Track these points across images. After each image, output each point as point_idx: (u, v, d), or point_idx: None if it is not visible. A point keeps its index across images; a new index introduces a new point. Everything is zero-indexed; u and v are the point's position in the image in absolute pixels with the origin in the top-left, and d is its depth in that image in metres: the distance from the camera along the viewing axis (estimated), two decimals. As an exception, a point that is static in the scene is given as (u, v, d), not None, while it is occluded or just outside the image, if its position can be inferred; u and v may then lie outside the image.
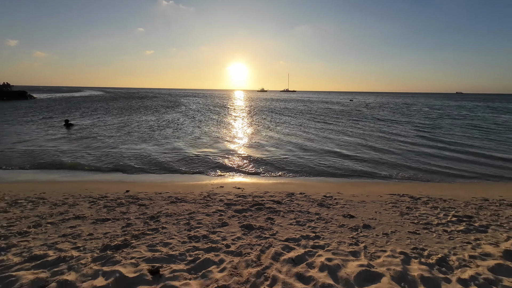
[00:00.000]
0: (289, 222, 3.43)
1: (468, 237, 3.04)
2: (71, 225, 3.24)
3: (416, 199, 4.55)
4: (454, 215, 3.75)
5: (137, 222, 3.35)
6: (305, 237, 2.96)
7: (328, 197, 4.60)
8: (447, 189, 5.44)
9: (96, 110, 25.20)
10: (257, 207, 3.99)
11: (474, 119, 21.94)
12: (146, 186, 5.45)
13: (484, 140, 11.85)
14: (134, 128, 14.30)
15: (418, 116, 23.92)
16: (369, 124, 17.51)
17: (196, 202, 4.20)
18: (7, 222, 3.31)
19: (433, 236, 3.07)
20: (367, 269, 2.28)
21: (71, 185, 5.47)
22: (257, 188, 5.37)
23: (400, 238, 3.02)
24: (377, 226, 3.37)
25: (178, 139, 11.23)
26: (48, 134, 12.09)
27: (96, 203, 4.11)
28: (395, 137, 12.38)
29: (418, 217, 3.68)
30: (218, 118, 20.41)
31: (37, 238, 2.90)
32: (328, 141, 11.41)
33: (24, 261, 2.39)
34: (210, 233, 3.05)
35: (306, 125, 17.29)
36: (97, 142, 10.37)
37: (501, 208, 4.13)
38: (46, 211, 3.73)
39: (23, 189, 4.83)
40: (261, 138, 11.91)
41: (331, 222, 3.48)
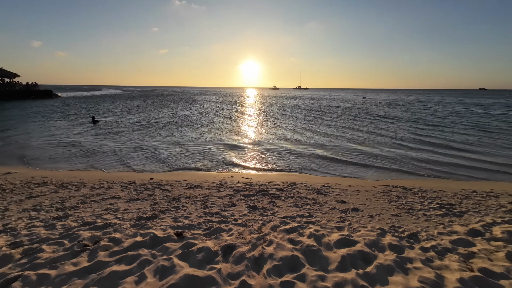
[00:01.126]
0: (288, 205, 4.02)
1: (443, 220, 3.49)
2: (110, 203, 4.00)
3: (407, 190, 4.99)
4: (438, 203, 4.18)
5: (162, 202, 4.06)
6: (300, 216, 3.54)
7: (326, 187, 5.13)
8: (440, 183, 5.79)
9: (117, 107, 26.70)
10: (262, 193, 4.60)
11: (483, 117, 21.17)
12: (166, 175, 6.22)
13: (482, 139, 11.75)
14: (153, 124, 15.27)
15: (423, 114, 23.39)
16: (377, 123, 17.56)
17: (210, 188, 4.88)
18: (59, 199, 4.13)
19: (412, 218, 3.55)
20: (346, 237, 2.83)
21: (102, 173, 6.34)
22: (263, 178, 5.99)
23: (383, 219, 3.53)
24: (364, 209, 3.88)
25: (192, 133, 12.03)
26: (78, 130, 13.29)
27: (127, 187, 4.88)
28: (392, 134, 12.55)
29: (404, 204, 4.14)
30: (230, 115, 21.13)
31: (86, 211, 3.67)
32: (334, 139, 11.79)
33: (80, 225, 3.14)
34: (222, 210, 3.70)
35: (315, 121, 17.62)
36: (119, 136, 11.36)
37: (486, 199, 4.49)
38: (88, 192, 4.54)
39: (65, 176, 5.73)
40: (269, 135, 12.47)
41: (325, 205, 4.03)
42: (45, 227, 3.07)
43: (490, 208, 4.01)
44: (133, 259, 2.36)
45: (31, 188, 4.73)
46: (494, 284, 2.05)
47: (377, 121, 18.07)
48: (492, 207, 4.05)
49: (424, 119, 19.09)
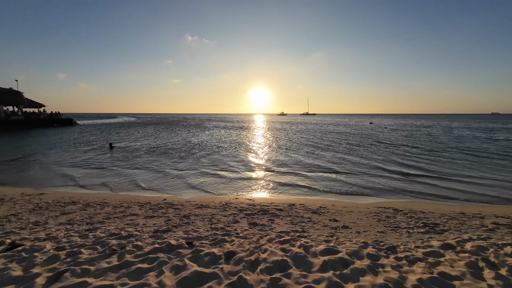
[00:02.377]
0: (285, 222, 4.51)
1: (423, 236, 3.89)
2: (130, 219, 4.62)
3: (398, 211, 5.37)
4: (423, 222, 4.57)
5: (174, 219, 4.65)
6: (294, 231, 4.03)
7: (322, 207, 5.59)
8: (432, 205, 6.12)
9: (131, 134, 28.32)
10: (263, 212, 5.12)
11: (483, 142, 21.11)
12: (178, 197, 6.84)
13: (474, 164, 11.89)
14: (165, 149, 16.25)
15: (423, 140, 23.54)
16: (379, 148, 17.92)
17: (216, 208, 5.45)
18: (88, 216, 4.80)
19: (396, 235, 3.96)
20: (331, 248, 3.30)
21: (121, 194, 7.04)
22: (265, 200, 6.50)
23: (368, 235, 3.96)
24: (354, 227, 4.32)
25: (201, 158, 12.80)
26: (97, 154, 14.39)
27: (144, 206, 5.52)
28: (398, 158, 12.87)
29: (391, 223, 4.55)
30: (238, 140, 22.04)
31: (111, 225, 4.30)
32: (335, 163, 12.25)
33: (108, 235, 3.75)
34: (226, 226, 4.24)
35: (318, 146, 18.17)
36: (133, 160, 12.26)
37: (471, 220, 4.83)
38: (111, 210, 5.20)
39: (90, 196, 6.47)
40: (272, 159, 13.07)
41: (318, 223, 4.49)
42: (80, 236, 3.71)
43: (471, 228, 4.36)
44: (153, 260, 2.92)
45: (63, 206, 5.45)
46: (447, 283, 2.47)
47: (378, 146, 18.44)
48: (474, 227, 4.39)
49: (423, 145, 19.32)
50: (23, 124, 37.80)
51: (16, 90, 40.81)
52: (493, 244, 3.45)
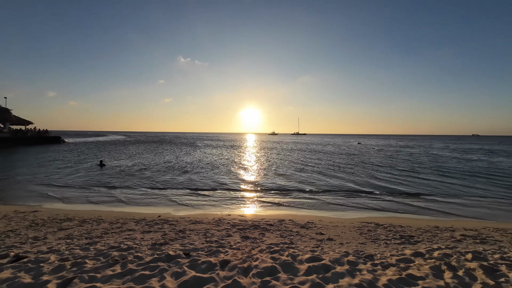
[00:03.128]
0: (275, 236, 4.85)
1: (399, 246, 4.32)
2: (128, 234, 4.84)
3: (379, 225, 5.82)
4: (400, 235, 5.02)
5: (170, 233, 4.90)
6: (283, 243, 4.37)
7: (310, 222, 5.97)
8: (410, 220, 6.61)
9: (122, 152, 28.13)
10: (254, 227, 5.44)
11: (459, 162, 22.54)
12: (172, 214, 7.04)
13: (446, 183, 12.75)
14: (156, 168, 16.32)
15: (403, 160, 24.75)
16: (365, 168, 18.70)
17: (210, 223, 5.72)
18: (86, 231, 4.97)
19: (375, 245, 4.38)
20: (316, 256, 3.67)
21: (117, 211, 7.16)
22: (256, 216, 6.81)
23: (350, 246, 4.36)
24: (338, 239, 4.71)
25: (193, 177, 12.99)
26: (87, 172, 14.30)
27: (140, 222, 5.72)
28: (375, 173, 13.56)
29: (372, 236, 4.98)
30: (229, 160, 22.34)
31: (110, 239, 4.51)
32: (322, 180, 12.75)
33: (108, 248, 3.97)
34: (220, 239, 4.53)
35: (307, 165, 18.73)
36: (124, 178, 12.31)
37: (443, 232, 5.32)
38: (107, 226, 5.38)
39: (85, 213, 6.57)
40: (263, 178, 13.44)
41: (306, 236, 4.86)
42: (81, 249, 3.91)
43: (442, 239, 4.84)
44: (154, 268, 3.19)
45: (59, 223, 5.57)
46: (412, 282, 2.89)
47: (363, 166, 19.22)
48: (445, 238, 4.88)
49: (404, 165, 20.32)
50: (9, 142, 36.81)
51: (4, 107, 40.23)
52: (457, 252, 3.92)
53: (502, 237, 5.01)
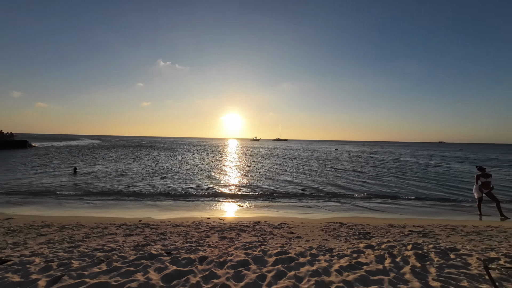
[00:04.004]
0: (250, 235, 5.35)
1: (355, 241, 5.02)
2: (110, 237, 5.06)
3: (343, 224, 6.55)
4: (359, 232, 5.75)
5: (152, 236, 5.20)
6: (256, 241, 4.88)
7: (283, 224, 6.55)
8: (370, 220, 7.44)
9: (96, 158, 27.08)
10: (231, 228, 5.89)
11: (419, 166, 24.93)
12: (152, 218, 7.26)
13: (403, 184, 14.26)
14: (135, 174, 16.12)
15: (374, 165, 26.74)
16: (336, 172, 19.94)
17: (190, 226, 6.08)
18: (67, 236, 5.11)
19: (336, 241, 5.04)
20: (283, 251, 4.22)
21: (96, 216, 7.21)
22: (234, 219, 7.26)
23: (315, 242, 4.97)
24: (305, 237, 5.32)
25: (173, 183, 13.10)
26: (62, 179, 13.79)
27: (121, 227, 5.93)
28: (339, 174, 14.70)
29: (335, 233, 5.65)
30: (210, 165, 22.53)
31: (92, 242, 4.72)
32: (300, 185, 13.53)
33: (92, 250, 4.22)
34: (199, 240, 4.93)
35: (283, 169, 19.53)
36: (100, 184, 12.13)
37: (395, 229, 6.16)
38: (88, 231, 5.54)
39: (63, 219, 6.58)
40: (242, 183, 13.92)
41: (277, 235, 5.41)
42: (65, 252, 4.12)
43: (393, 234, 5.64)
44: (138, 265, 3.54)
45: (37, 229, 5.60)
46: (358, 267, 3.53)
47: (337, 171, 20.48)
48: (395, 234, 5.69)
49: (372, 170, 21.97)
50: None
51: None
52: (401, 244, 4.69)
53: (441, 231, 5.93)
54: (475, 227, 6.55)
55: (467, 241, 5.17)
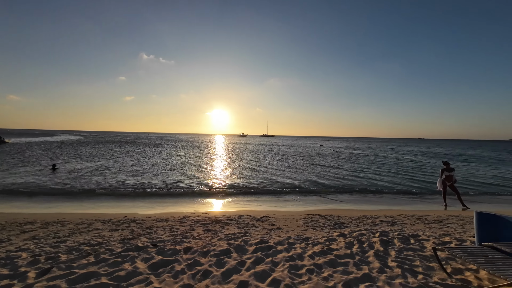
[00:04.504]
0: (234, 228, 5.66)
1: (330, 231, 5.47)
2: (96, 232, 5.18)
3: (321, 216, 7.02)
4: (335, 222, 6.23)
5: (138, 230, 5.38)
6: (239, 233, 5.19)
7: (265, 216, 6.91)
8: (346, 212, 8.00)
9: (76, 154, 26.20)
10: (216, 222, 6.17)
11: (396, 161, 26.45)
12: (138, 214, 7.38)
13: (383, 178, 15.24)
14: (117, 171, 15.89)
15: (351, 160, 27.99)
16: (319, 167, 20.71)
17: (175, 221, 6.29)
18: (52, 232, 5.17)
19: (312, 231, 5.46)
20: (263, 240, 4.56)
21: (81, 214, 7.22)
22: (218, 213, 7.54)
23: (293, 232, 5.37)
24: (285, 228, 5.71)
25: (158, 179, 13.12)
26: (40, 177, 13.37)
27: (106, 222, 6.03)
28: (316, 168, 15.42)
29: (313, 224, 6.09)
30: (196, 161, 22.54)
31: (78, 237, 4.84)
32: (282, 180, 14.02)
33: (79, 244, 4.35)
34: (184, 233, 5.17)
35: (268, 165, 20.00)
36: (80, 183, 11.94)
37: (363, 219, 6.70)
38: (73, 227, 5.61)
39: (46, 216, 6.56)
40: (227, 178, 14.20)
41: (259, 227, 5.76)
42: (51, 247, 4.23)
43: (365, 224, 6.17)
44: (125, 256, 3.75)
45: (20, 226, 5.59)
46: (329, 252, 3.94)
47: (320, 167, 21.24)
48: (367, 223, 6.21)
49: (352, 165, 23.01)
50: None
51: None
52: (370, 232, 5.18)
53: (408, 220, 6.54)
54: (439, 216, 7.26)
55: (429, 228, 5.77)
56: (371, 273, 3.16)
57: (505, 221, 3.93)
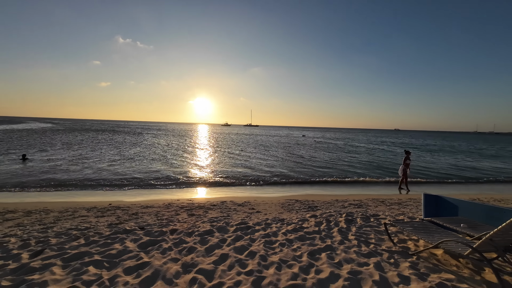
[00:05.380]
0: (216, 212, 6.09)
1: (303, 212, 6.07)
2: (82, 219, 5.37)
3: (297, 201, 7.66)
4: (308, 206, 6.87)
5: (124, 216, 5.63)
6: (221, 216, 5.63)
7: (246, 202, 7.42)
8: (320, 197, 8.74)
9: (49, 143, 24.94)
10: (200, 207, 6.56)
11: (369, 151, 28.32)
12: (123, 201, 7.56)
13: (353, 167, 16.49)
14: (96, 161, 15.56)
15: (325, 149, 29.52)
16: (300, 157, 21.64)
17: (160, 207, 6.59)
18: (36, 220, 5.28)
19: (288, 213, 6.04)
20: (243, 222, 5.05)
21: (64, 202, 7.25)
22: (202, 199, 7.93)
23: (271, 215, 5.90)
24: (264, 211, 6.24)
25: (139, 168, 13.13)
26: (10, 167, 12.80)
27: (91, 210, 6.19)
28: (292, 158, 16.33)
29: (289, 208, 6.68)
30: (176, 152, 22.49)
31: (65, 223, 5.01)
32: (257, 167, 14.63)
33: (67, 229, 4.55)
34: (169, 217, 5.52)
35: (250, 153, 20.55)
36: (57, 173, 11.70)
37: (338, 203, 7.43)
38: (57, 215, 5.73)
39: (26, 205, 6.55)
40: (210, 167, 14.53)
41: (240, 211, 6.24)
42: (39, 232, 4.40)
43: (334, 207, 6.87)
44: (115, 238, 4.04)
45: (1, 215, 5.61)
46: (299, 230, 4.51)
47: (299, 156, 22.18)
48: (337, 206, 6.92)
49: (329, 155, 24.29)
50: None
51: None
52: (338, 213, 5.85)
53: (373, 203, 7.36)
54: (399, 199, 8.19)
55: (389, 209, 6.59)
56: (333, 245, 3.75)
57: (444, 201, 4.71)
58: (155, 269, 2.96)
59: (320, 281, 2.72)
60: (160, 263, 3.09)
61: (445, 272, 2.91)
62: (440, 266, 3.07)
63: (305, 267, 3.03)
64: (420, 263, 3.16)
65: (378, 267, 3.04)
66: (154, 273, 2.87)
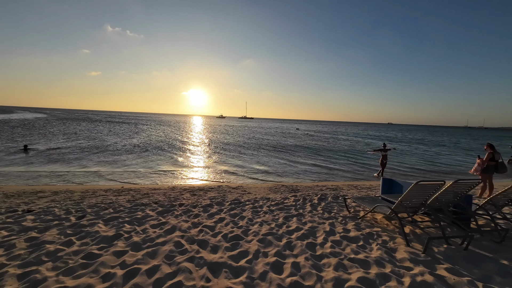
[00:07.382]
0: (214, 193, 7.29)
1: (287, 194, 7.33)
2: (103, 197, 6.49)
3: (284, 186, 8.92)
4: (291, 189, 8.14)
5: (138, 195, 6.77)
6: (218, 196, 6.82)
7: (240, 186, 8.64)
8: (304, 183, 10.04)
9: (47, 134, 25.54)
10: (200, 189, 7.74)
11: (355, 143, 29.91)
12: (133, 185, 8.69)
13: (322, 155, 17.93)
14: (100, 150, 16.49)
15: (321, 143, 30.99)
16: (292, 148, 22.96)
17: (166, 189, 7.74)
18: (65, 197, 6.37)
19: (273, 194, 7.29)
20: (237, 199, 6.26)
21: (83, 186, 8.34)
22: (202, 184, 9.12)
23: (260, 195, 7.14)
24: (254, 193, 7.47)
25: (142, 157, 14.18)
26: (13, 157, 13.67)
27: (108, 191, 7.30)
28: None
29: (275, 190, 7.94)
30: (174, 142, 23.49)
31: (90, 200, 6.13)
32: (255, 160, 15.85)
33: (95, 203, 5.68)
34: (176, 196, 6.68)
35: (244, 145, 21.75)
36: (64, 162, 12.67)
37: (318, 187, 8.72)
38: (81, 194, 6.83)
39: (52, 188, 7.61)
40: (207, 157, 15.68)
41: (234, 192, 7.46)
42: (73, 205, 5.52)
43: (314, 190, 8.16)
44: (136, 209, 5.18)
45: (34, 194, 6.66)
46: (280, 204, 5.75)
47: (292, 148, 23.50)
48: (316, 189, 8.21)
49: (316, 147, 25.71)
50: None
51: None
52: (314, 194, 7.11)
53: (347, 188, 8.67)
54: (371, 185, 9.54)
55: (358, 192, 7.90)
56: (303, 213, 5.01)
57: (395, 183, 6.02)
58: (172, 225, 4.15)
59: (288, 231, 3.96)
60: (175, 222, 4.29)
61: (376, 227, 4.20)
62: (375, 224, 4.36)
63: (279, 225, 4.27)
64: (362, 223, 4.43)
65: (331, 224, 4.30)
66: (172, 227, 4.06)
